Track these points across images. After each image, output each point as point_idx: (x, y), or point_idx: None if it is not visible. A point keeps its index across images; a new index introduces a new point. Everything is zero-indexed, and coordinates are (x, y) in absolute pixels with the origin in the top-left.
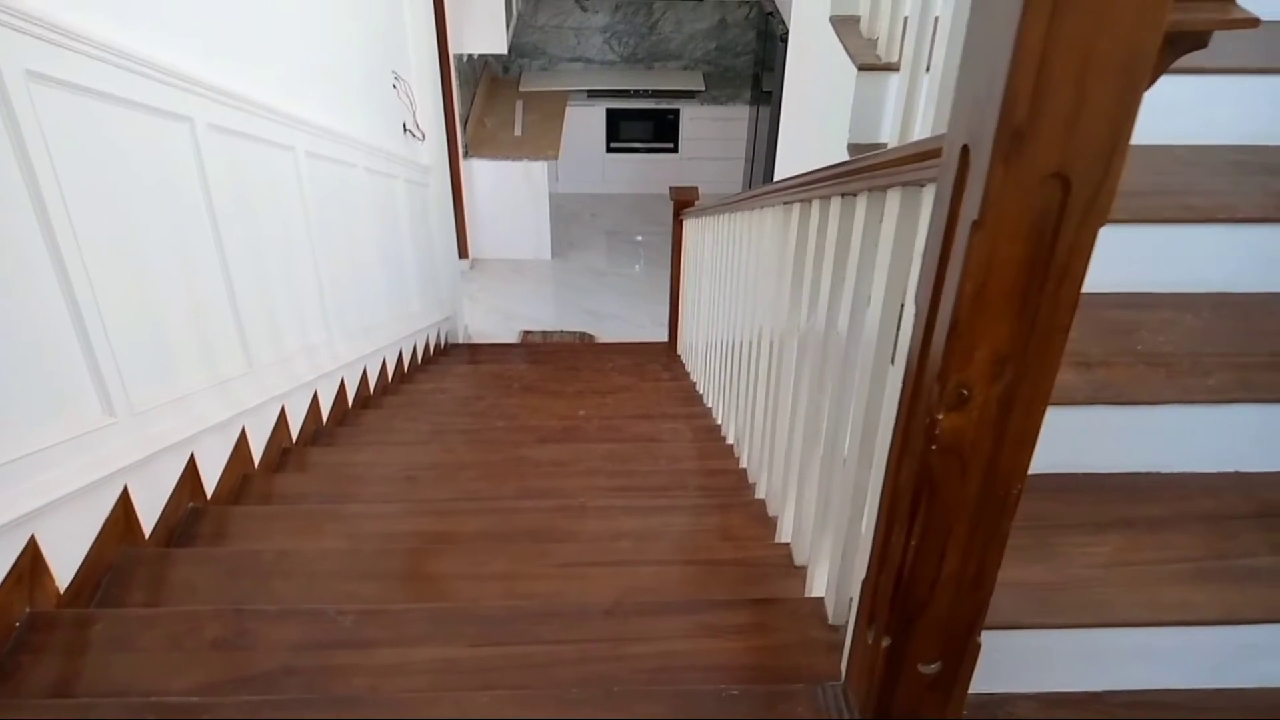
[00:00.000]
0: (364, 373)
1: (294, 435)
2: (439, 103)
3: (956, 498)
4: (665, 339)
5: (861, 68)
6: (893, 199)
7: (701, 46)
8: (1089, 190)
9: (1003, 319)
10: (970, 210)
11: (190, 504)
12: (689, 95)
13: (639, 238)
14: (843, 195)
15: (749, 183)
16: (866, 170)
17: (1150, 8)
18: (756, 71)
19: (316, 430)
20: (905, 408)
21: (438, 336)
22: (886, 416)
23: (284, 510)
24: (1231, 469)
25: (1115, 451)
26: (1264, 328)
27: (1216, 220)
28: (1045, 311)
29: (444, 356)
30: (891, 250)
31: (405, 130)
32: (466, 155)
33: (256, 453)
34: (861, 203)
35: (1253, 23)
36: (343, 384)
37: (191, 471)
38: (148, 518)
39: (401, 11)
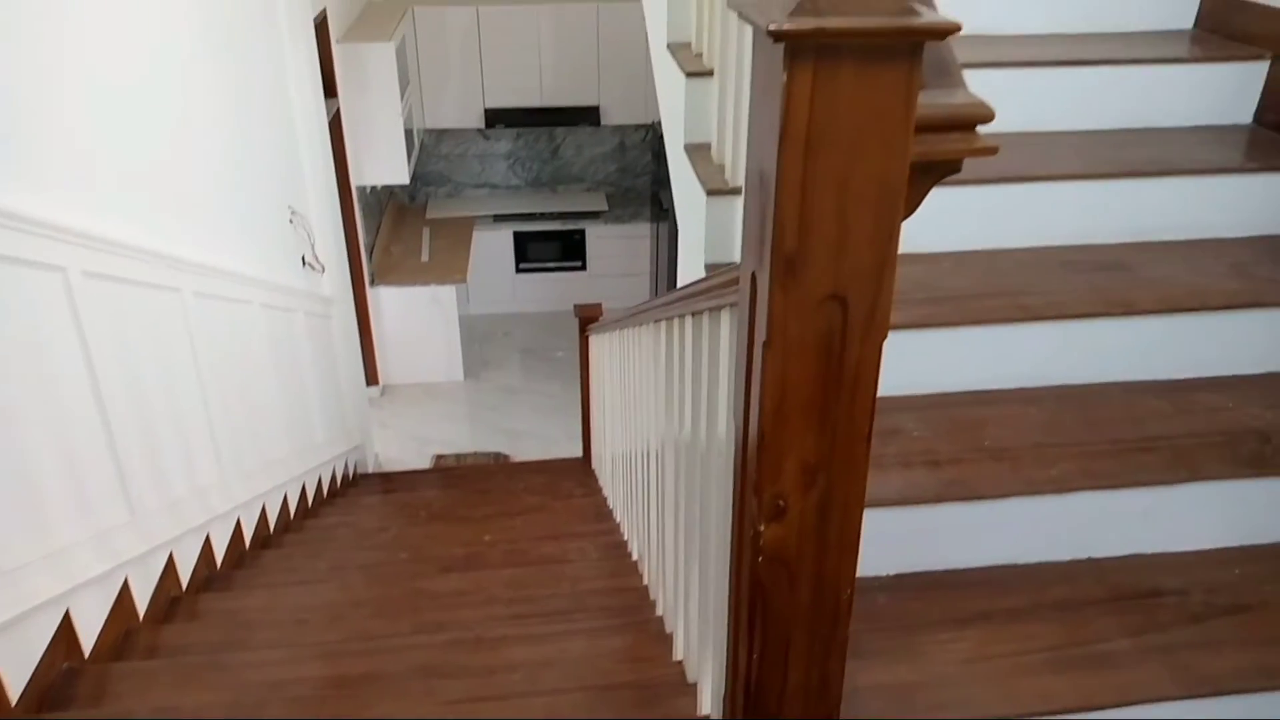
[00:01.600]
0: (263, 510)
1: (184, 582)
2: (340, 234)
3: (789, 607)
4: (580, 454)
5: (710, 192)
6: (714, 321)
7: (602, 169)
8: (865, 308)
9: (806, 431)
10: (760, 332)
11: (65, 664)
12: (593, 215)
13: (559, 353)
14: (694, 314)
15: (655, 296)
16: (689, 296)
17: (895, 142)
18: (655, 190)
19: (210, 575)
20: (735, 521)
21: (345, 467)
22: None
23: (166, 664)
24: (1084, 555)
25: (970, 547)
26: (1102, 416)
27: (1048, 318)
28: (844, 422)
29: (352, 488)
30: (723, 368)
31: (304, 263)
32: (373, 283)
33: (141, 604)
34: (702, 323)
35: (992, 151)
36: (239, 524)
37: (67, 629)
38: (15, 682)
39: (298, 148)
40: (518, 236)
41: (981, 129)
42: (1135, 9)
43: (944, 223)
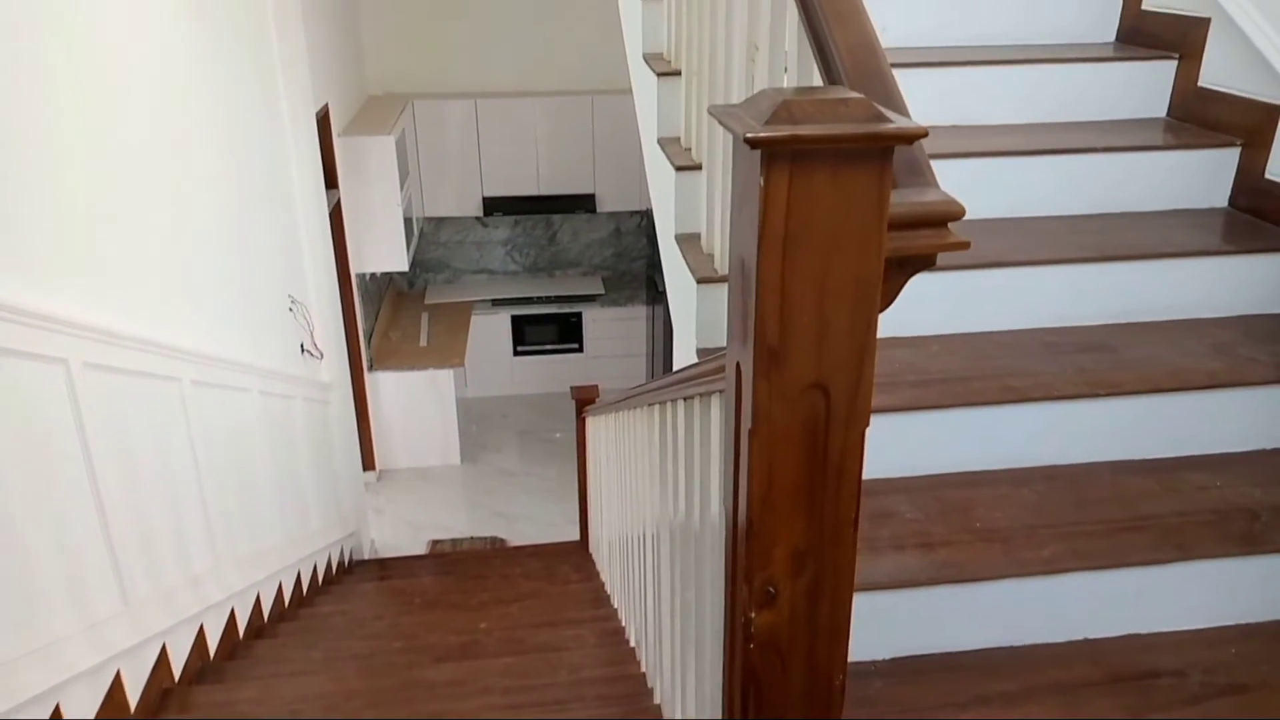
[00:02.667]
0: (257, 599)
1: (176, 674)
2: (339, 321)
3: (782, 695)
4: (578, 538)
5: (700, 280)
6: (705, 406)
7: (599, 254)
8: (847, 396)
9: (794, 518)
10: (746, 420)
11: None
12: (590, 299)
13: (557, 435)
14: (685, 399)
15: (651, 378)
16: (680, 382)
17: (870, 239)
18: (650, 274)
19: (203, 666)
20: (727, 608)
21: (341, 554)
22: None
23: None
24: (1079, 636)
25: (965, 629)
26: (1091, 496)
27: (1035, 399)
28: (831, 508)
29: (348, 575)
30: (715, 453)
31: (303, 350)
32: (371, 369)
33: (133, 697)
34: (694, 408)
35: (964, 245)
36: (233, 614)
37: None
38: None
39: (299, 237)
40: (515, 320)
41: (966, 213)
42: (1110, 99)
43: (931, 307)
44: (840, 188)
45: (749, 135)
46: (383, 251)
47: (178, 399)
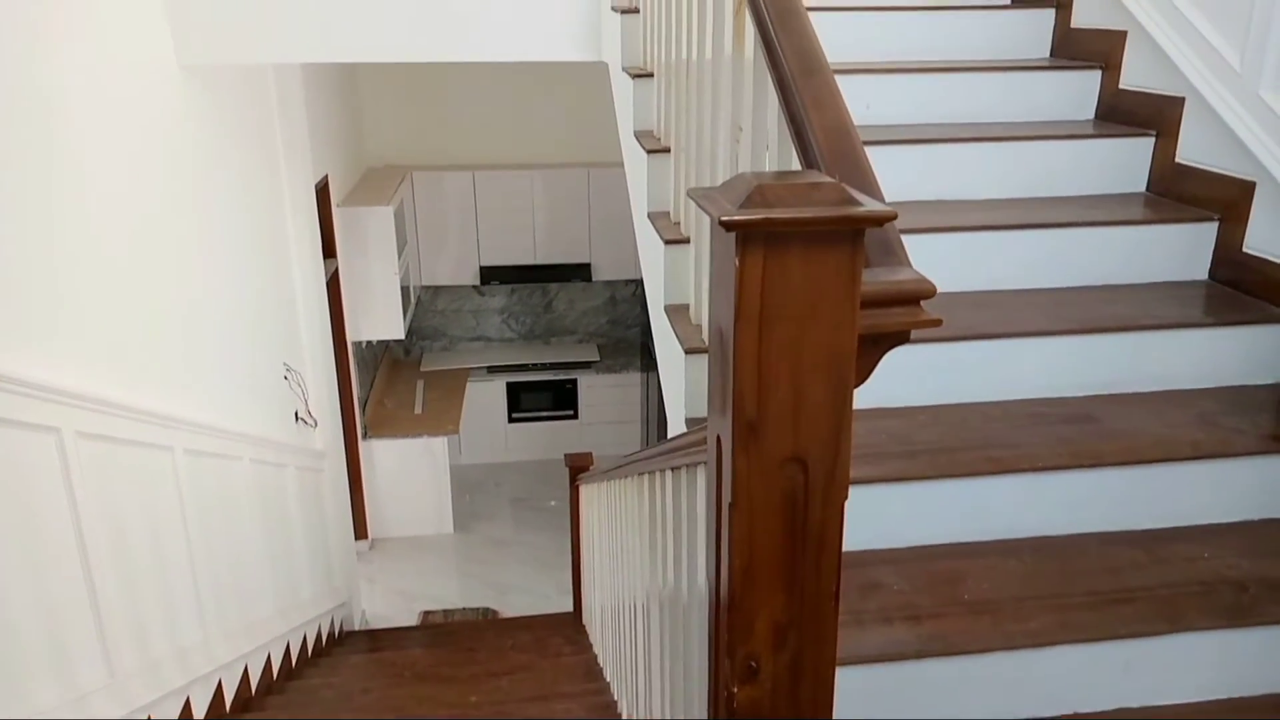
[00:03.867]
0: (245, 671)
1: None
2: (334, 389)
3: None
4: (571, 609)
5: (688, 351)
6: (691, 477)
7: (594, 321)
8: (825, 470)
9: (775, 591)
10: (726, 494)
11: None
12: (585, 366)
13: (551, 503)
14: (673, 470)
15: (645, 444)
16: (668, 452)
17: (843, 317)
18: (645, 341)
19: None
20: (711, 683)
21: (331, 625)
22: None
23: None
24: (1069, 710)
25: (955, 703)
26: (1079, 568)
27: (1020, 470)
28: (812, 581)
29: (337, 646)
30: (700, 524)
31: (297, 418)
32: (365, 436)
33: None
34: (680, 478)
35: (936, 323)
36: (220, 686)
37: None
38: None
39: (296, 306)
40: (510, 387)
41: (950, 285)
42: (1090, 175)
43: (917, 378)
44: (813, 268)
45: (724, 219)
46: (379, 320)
47: (170, 468)
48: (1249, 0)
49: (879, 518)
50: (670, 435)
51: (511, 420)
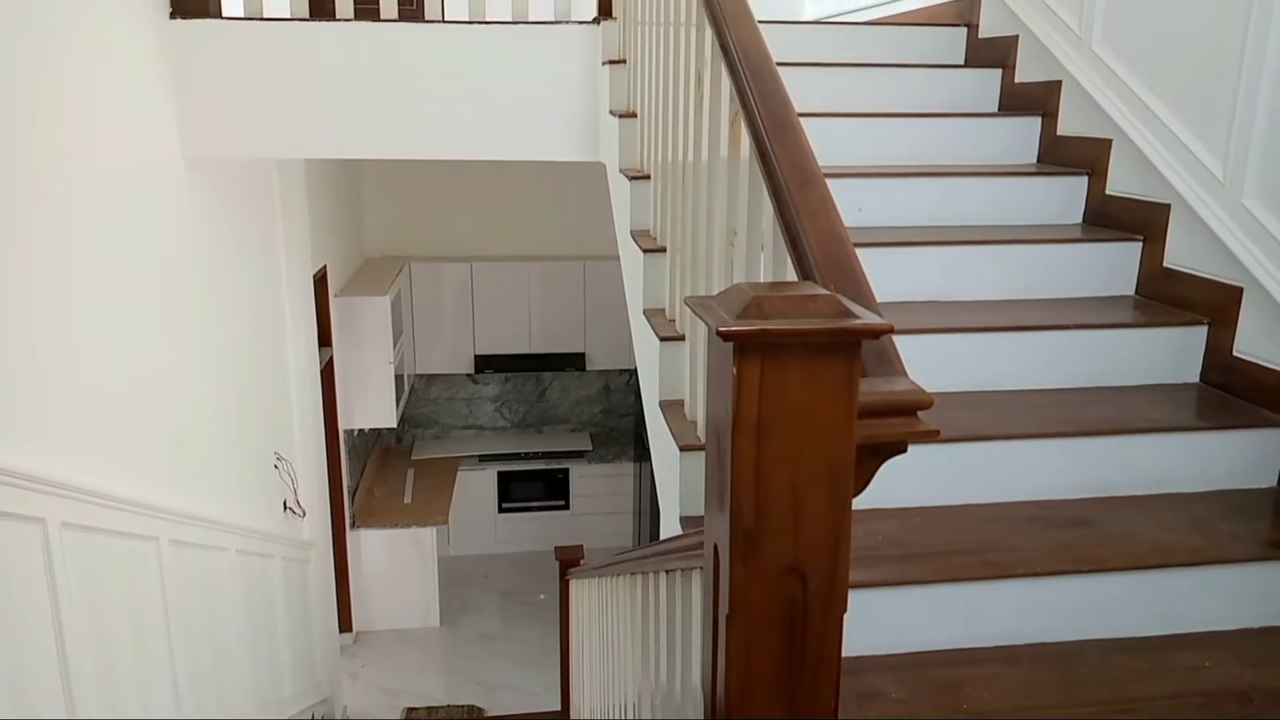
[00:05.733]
0: None
1: None
2: (324, 478)
3: None
4: (559, 708)
5: (683, 448)
6: (686, 581)
7: (587, 410)
8: (824, 581)
9: (774, 706)
10: (724, 604)
11: None
12: (577, 455)
13: (541, 596)
14: (667, 572)
15: (637, 537)
16: (662, 554)
17: (840, 428)
18: (638, 431)
19: None
20: None
21: None
22: None
23: None
24: None
25: None
26: (1079, 676)
27: (1018, 575)
28: (810, 696)
29: None
30: (695, 630)
31: (285, 508)
32: (354, 526)
33: None
34: (675, 581)
35: (934, 434)
36: None
37: None
38: None
39: (289, 395)
40: (501, 476)
41: (945, 385)
42: (1080, 278)
43: (913, 479)
44: (810, 378)
45: (721, 329)
46: (372, 408)
47: (154, 559)
48: (1229, 111)
49: (876, 623)
50: (664, 534)
51: (502, 510)
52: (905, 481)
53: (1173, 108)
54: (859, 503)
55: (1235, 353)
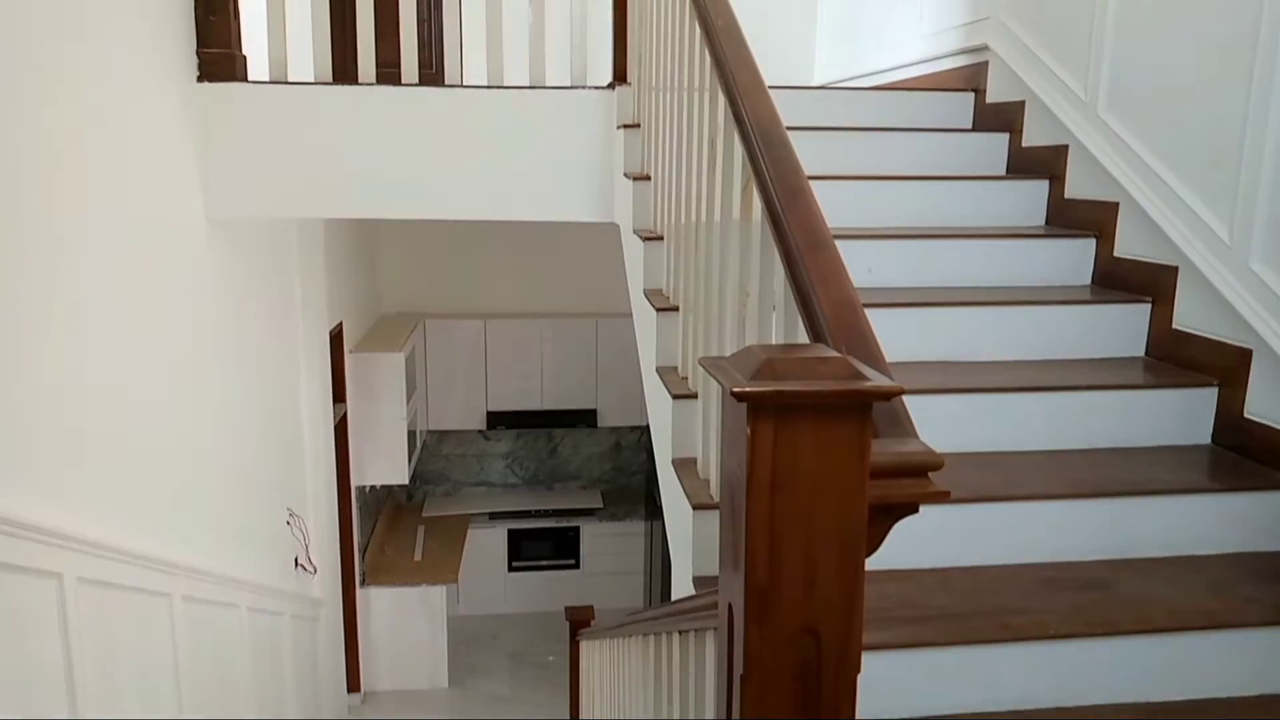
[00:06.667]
0: None
1: None
2: (335, 534)
3: None
4: None
5: (696, 507)
6: (700, 641)
7: (598, 467)
8: (838, 642)
9: None
10: (738, 665)
11: None
12: (588, 513)
13: (550, 658)
14: (680, 633)
15: (648, 596)
16: (675, 614)
17: (853, 488)
18: (649, 488)
19: None
20: None
21: None
22: None
23: None
24: None
25: None
26: None
27: (1031, 638)
28: None
29: None
30: (709, 691)
31: (296, 565)
32: (363, 584)
33: None
34: (688, 642)
35: (945, 495)
36: None
37: None
38: None
39: (303, 451)
40: (512, 534)
41: (957, 446)
42: (1090, 339)
43: (926, 540)
44: (823, 439)
45: (735, 390)
46: (384, 465)
47: (167, 615)
48: (1234, 175)
49: (889, 685)
50: (677, 593)
51: (512, 569)
52: (919, 543)
53: (1178, 172)
54: (872, 564)
55: (1246, 414)
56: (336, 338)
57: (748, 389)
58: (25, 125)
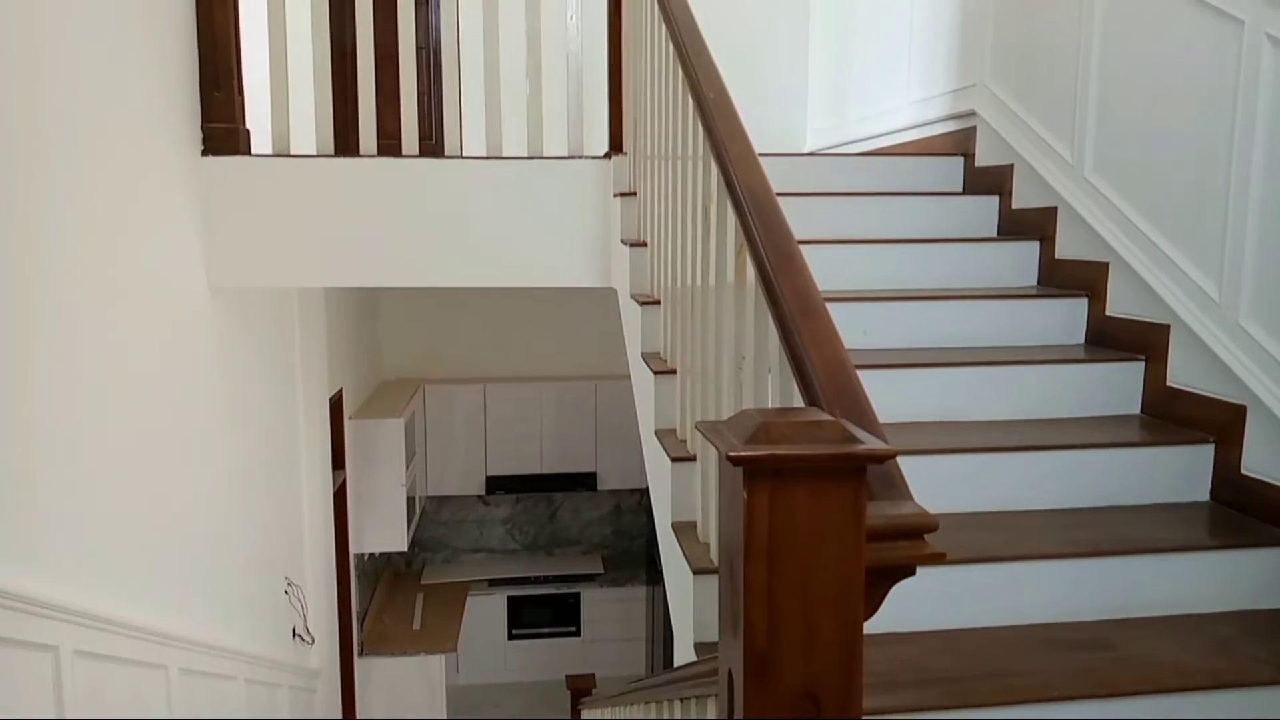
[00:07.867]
0: None
1: None
2: (334, 604)
3: None
4: None
5: (696, 571)
6: (702, 707)
7: (599, 532)
8: (837, 706)
9: None
10: None
11: None
12: (589, 579)
13: None
14: (682, 700)
15: (650, 663)
16: (677, 681)
17: (849, 551)
18: (650, 552)
19: None
20: None
21: None
22: None
23: None
24: None
25: None
26: None
27: (1035, 700)
28: None
29: None
30: None
31: (294, 635)
32: (361, 654)
33: None
34: (690, 708)
35: (940, 557)
36: None
37: None
38: None
39: (301, 520)
40: (511, 601)
41: (954, 506)
42: (1085, 398)
43: (928, 602)
44: (819, 502)
45: (731, 454)
46: (383, 532)
47: (163, 688)
48: (1219, 234)
49: None
50: (679, 659)
51: (512, 637)
52: (919, 605)
53: (1166, 232)
54: (873, 627)
55: (1244, 470)
56: (336, 404)
57: (743, 453)
58: (32, 196)
